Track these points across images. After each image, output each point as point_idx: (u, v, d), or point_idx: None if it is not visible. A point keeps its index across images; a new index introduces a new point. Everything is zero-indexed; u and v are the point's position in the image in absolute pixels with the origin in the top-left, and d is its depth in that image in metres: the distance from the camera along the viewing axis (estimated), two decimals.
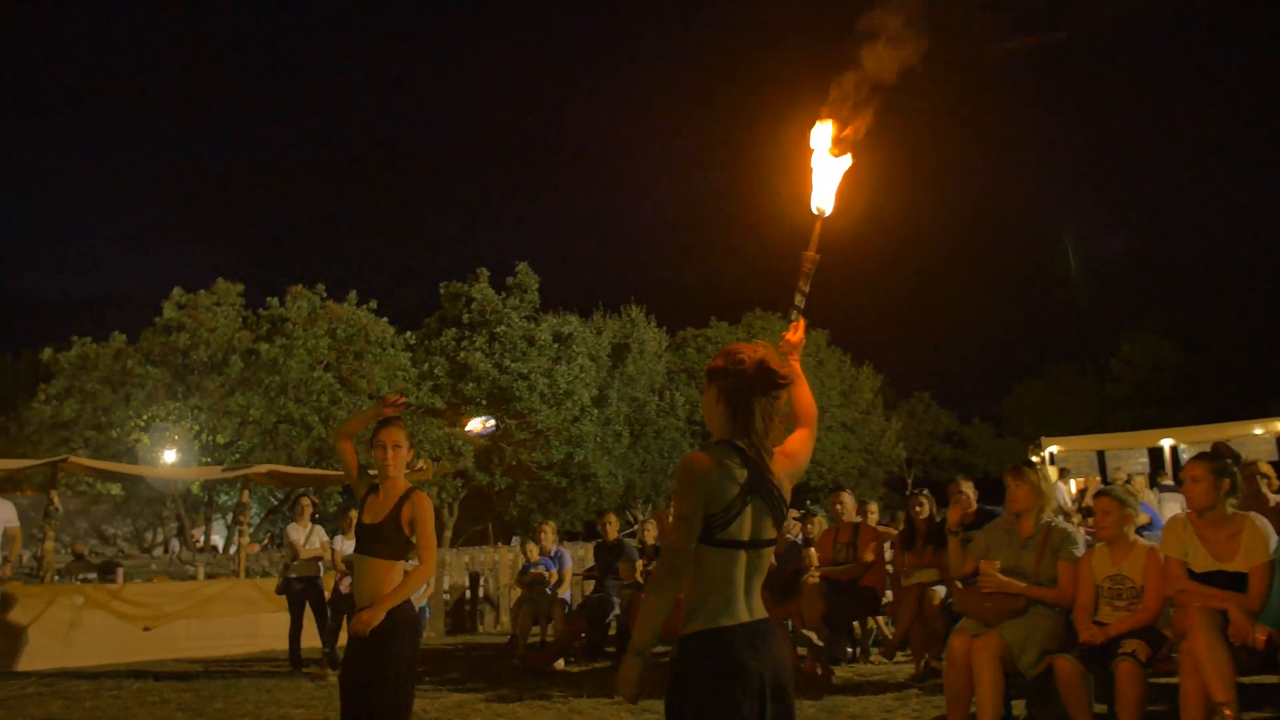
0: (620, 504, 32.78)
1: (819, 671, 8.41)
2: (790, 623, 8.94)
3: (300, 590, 10.53)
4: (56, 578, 14.01)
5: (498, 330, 28.91)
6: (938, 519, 8.77)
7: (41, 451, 14.82)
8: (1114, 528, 5.46)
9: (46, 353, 21.85)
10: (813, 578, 8.79)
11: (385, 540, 4.45)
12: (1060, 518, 6.16)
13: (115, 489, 23.18)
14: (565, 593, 11.24)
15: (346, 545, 10.57)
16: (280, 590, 10.83)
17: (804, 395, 3.14)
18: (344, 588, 10.38)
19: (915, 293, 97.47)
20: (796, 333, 3.23)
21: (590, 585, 11.73)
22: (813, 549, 9.12)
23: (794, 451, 3.04)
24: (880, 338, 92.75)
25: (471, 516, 34.22)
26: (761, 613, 2.88)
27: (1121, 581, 5.40)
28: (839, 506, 9.27)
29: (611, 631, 11.00)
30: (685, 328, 42.81)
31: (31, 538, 21.72)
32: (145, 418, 22.03)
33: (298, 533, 10.65)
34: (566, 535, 29.65)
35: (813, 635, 8.40)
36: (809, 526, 9.67)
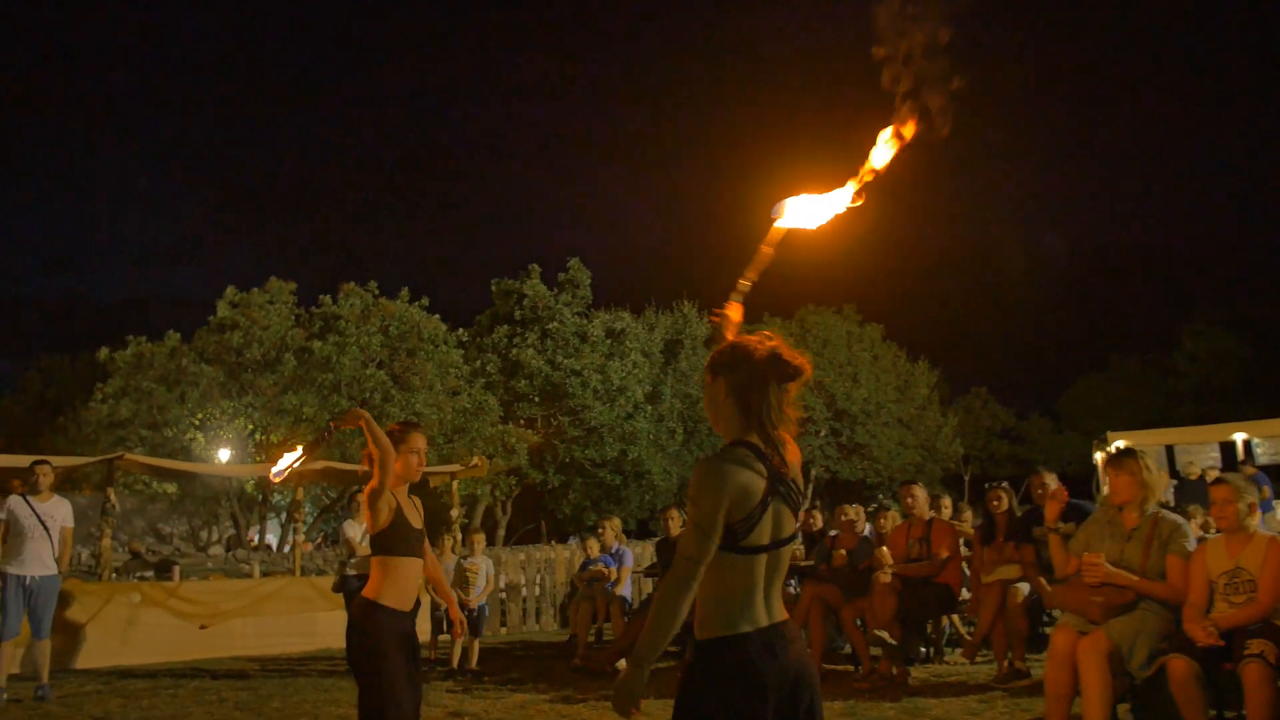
0: (674, 502, 32.43)
1: (894, 672, 8.08)
2: (862, 621, 8.60)
3: (358, 588, 10.29)
4: (114, 575, 13.98)
5: (550, 326, 28.74)
6: (1017, 513, 8.41)
7: (99, 450, 14.78)
8: (1234, 518, 5.04)
9: (103, 352, 21.95)
10: (885, 576, 8.42)
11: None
12: (1165, 510, 5.74)
13: (171, 488, 23.28)
14: (624, 590, 10.96)
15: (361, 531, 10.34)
16: (337, 588, 10.63)
17: None
18: None
19: (971, 287, 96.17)
20: (736, 314, 3.12)
21: (650, 584, 11.45)
22: (885, 547, 8.74)
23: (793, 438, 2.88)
24: (936, 333, 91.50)
25: (524, 515, 34.09)
26: (780, 614, 2.75)
27: (1239, 575, 4.98)
28: (910, 500, 8.85)
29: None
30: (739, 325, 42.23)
31: (89, 536, 21.94)
32: (200, 417, 22.08)
33: (354, 529, 10.44)
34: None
35: (886, 634, 8.05)
36: (881, 522, 9.29)
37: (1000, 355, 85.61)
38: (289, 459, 4.56)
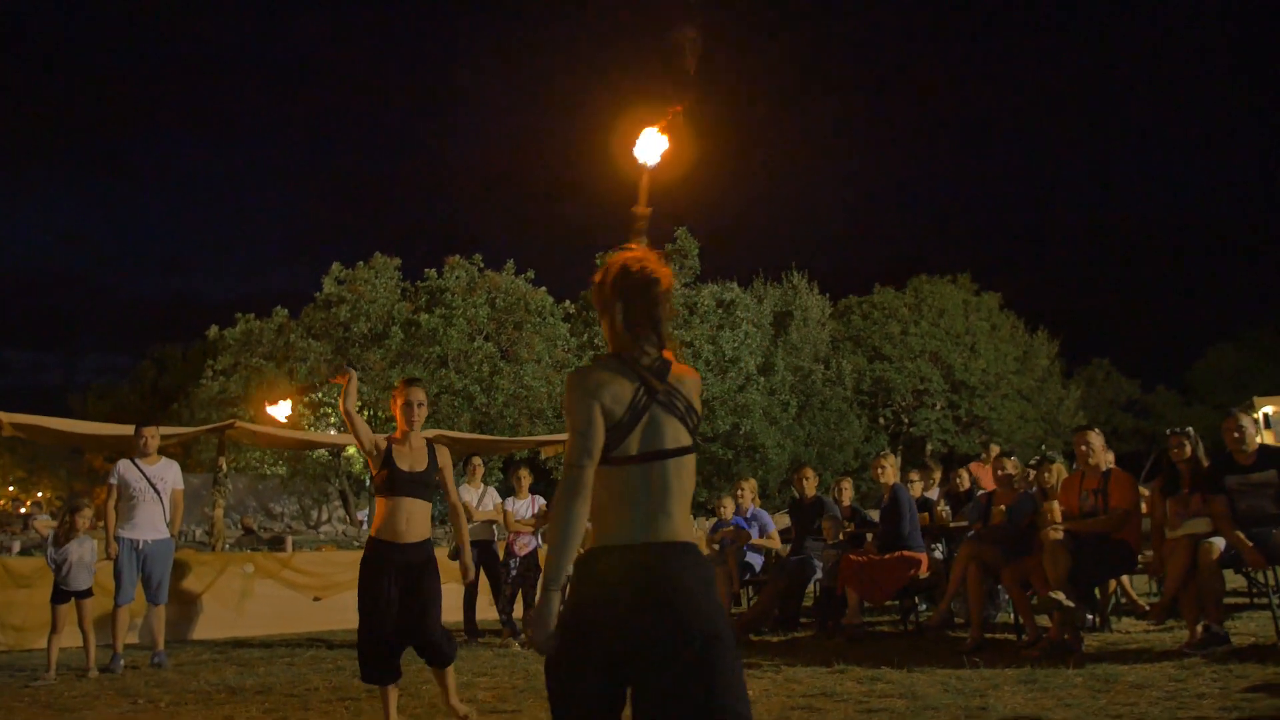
0: (785, 478, 31.60)
1: (1066, 638, 7.24)
2: (1028, 585, 7.77)
3: (473, 557, 9.81)
4: (226, 548, 13.81)
5: None
6: (1204, 461, 7.48)
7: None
8: None
9: (213, 330, 22.01)
10: (1056, 533, 7.55)
11: (428, 485, 5.18)
12: None
13: (281, 469, 23.31)
14: (755, 558, 10.29)
15: (520, 507, 9.87)
16: (452, 555, 10.14)
17: None
18: (518, 549, 9.66)
19: (1092, 255, 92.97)
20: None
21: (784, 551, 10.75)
22: (1055, 501, 7.87)
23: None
24: (1056, 302, 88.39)
25: None
26: (672, 535, 2.61)
27: None
28: (1084, 449, 7.93)
29: (807, 603, 10.06)
30: (849, 295, 41.17)
31: (204, 515, 22.15)
32: (309, 399, 22.03)
33: (469, 494, 9.97)
34: None
35: (1060, 596, 7.20)
36: (1046, 475, 8.39)
37: (1123, 326, 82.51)
38: (285, 406, 5.45)
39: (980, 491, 9.73)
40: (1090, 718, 4.90)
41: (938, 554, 9.40)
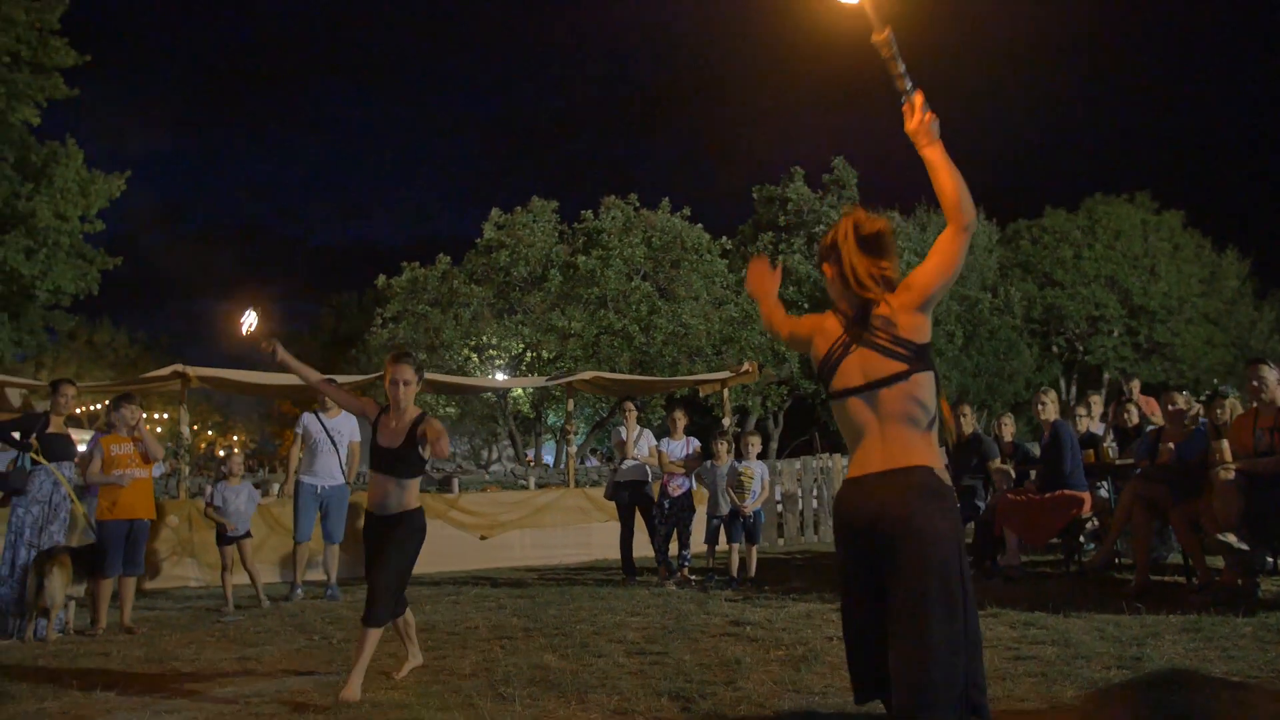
0: (952, 410, 30.80)
1: (1239, 583, 6.91)
2: (1198, 526, 7.42)
3: (629, 498, 10.01)
4: None
5: (816, 230, 27.65)
6: None
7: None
8: None
9: (380, 280, 22.83)
10: (1227, 473, 7.17)
11: (402, 461, 5.17)
12: None
13: (451, 409, 24.12)
14: None
15: (675, 448, 9.97)
16: (609, 495, 10.37)
17: (943, 182, 2.99)
18: (672, 490, 9.77)
19: None
20: (913, 116, 2.99)
21: None
22: (1224, 440, 7.45)
23: (925, 269, 3.05)
24: (1246, 217, 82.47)
25: (796, 428, 33.39)
26: (891, 462, 2.92)
27: None
28: (1255, 384, 7.47)
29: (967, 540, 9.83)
30: (1017, 218, 39.55)
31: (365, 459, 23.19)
32: (474, 342, 22.65)
33: (626, 434, 10.14)
34: None
35: (1231, 539, 6.86)
36: (1217, 412, 7.95)
37: None
38: (250, 317, 5.32)
39: (1150, 427, 9.30)
40: (1254, 672, 4.68)
41: (1103, 492, 9.07)
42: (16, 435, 7.71)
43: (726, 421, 15.35)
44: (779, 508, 13.81)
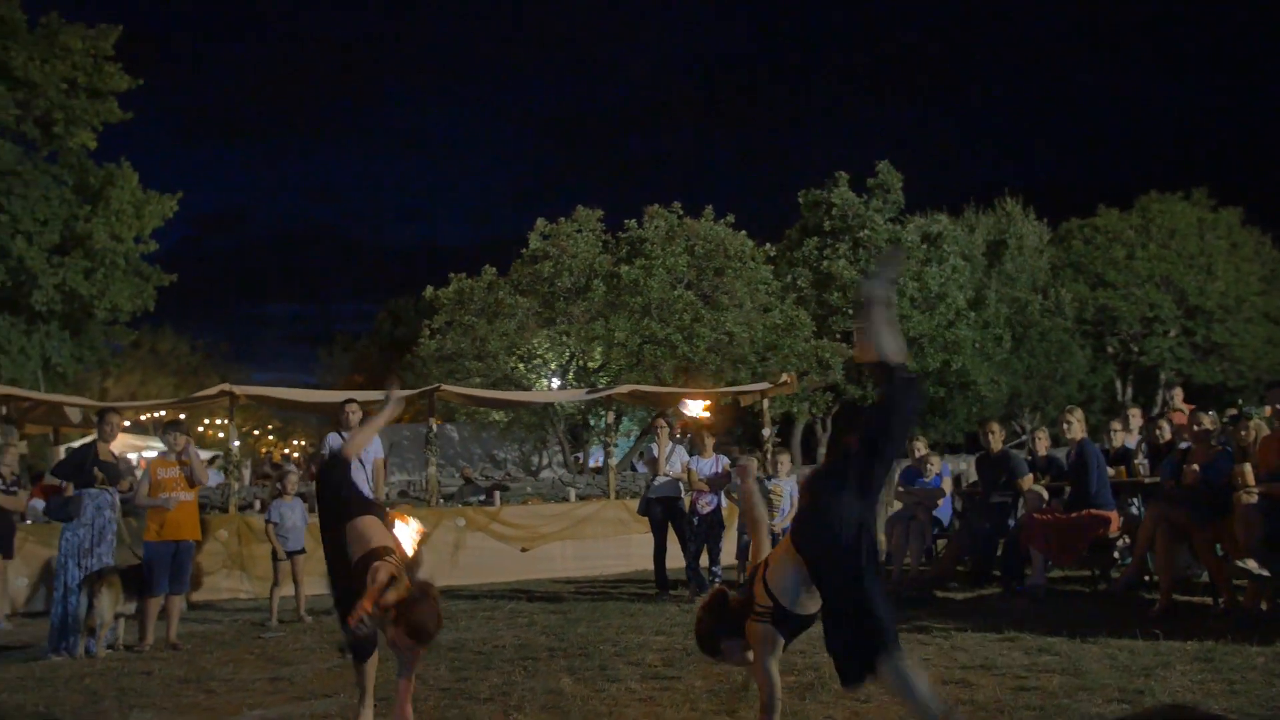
0: (1004, 413, 30.54)
1: (1262, 607, 6.93)
2: (1222, 549, 7.44)
3: (661, 513, 10.20)
4: (442, 501, 14.71)
5: (861, 235, 27.52)
6: None
7: (432, 382, 15.64)
8: None
9: (428, 290, 23.18)
10: (1249, 496, 7.17)
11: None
12: None
13: (499, 415, 24.43)
14: (942, 510, 10.21)
15: (704, 465, 10.14)
16: (642, 511, 10.56)
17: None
18: (701, 507, 9.94)
19: None
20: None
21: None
22: (1247, 464, 7.44)
23: None
24: None
25: (843, 432, 33.08)
26: None
27: None
28: None
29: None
30: (1069, 218, 39.02)
31: (418, 467, 23.66)
32: (522, 350, 22.92)
33: (658, 451, 10.33)
34: (947, 448, 27.97)
35: (1251, 565, 6.88)
36: (1243, 433, 7.91)
37: None
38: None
39: (1181, 444, 9.27)
40: (1254, 709, 4.71)
41: (1134, 510, 9.06)
42: (77, 472, 8.09)
43: (766, 431, 15.48)
44: None
